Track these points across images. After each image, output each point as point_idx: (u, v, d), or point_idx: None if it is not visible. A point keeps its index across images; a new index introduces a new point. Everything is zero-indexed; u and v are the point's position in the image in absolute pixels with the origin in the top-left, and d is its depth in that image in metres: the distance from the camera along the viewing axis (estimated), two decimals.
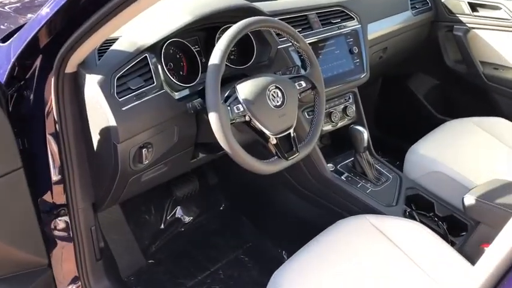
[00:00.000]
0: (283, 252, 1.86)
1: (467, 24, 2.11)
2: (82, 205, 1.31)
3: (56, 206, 1.28)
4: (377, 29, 1.86)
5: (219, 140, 1.11)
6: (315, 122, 1.35)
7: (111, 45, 1.18)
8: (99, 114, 1.11)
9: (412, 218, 1.54)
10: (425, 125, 2.06)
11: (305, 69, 1.47)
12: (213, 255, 1.88)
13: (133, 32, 1.21)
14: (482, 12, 2.07)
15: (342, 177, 1.64)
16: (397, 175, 1.69)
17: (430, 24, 2.22)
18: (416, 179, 1.69)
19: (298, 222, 1.79)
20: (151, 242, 1.89)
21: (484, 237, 1.30)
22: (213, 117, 1.09)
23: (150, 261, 1.83)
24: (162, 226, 1.94)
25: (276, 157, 1.23)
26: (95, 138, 1.17)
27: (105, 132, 1.12)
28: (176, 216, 1.99)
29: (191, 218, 2.01)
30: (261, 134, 1.20)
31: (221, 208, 2.10)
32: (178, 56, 1.35)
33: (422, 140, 1.81)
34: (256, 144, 1.28)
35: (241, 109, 1.15)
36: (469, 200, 1.32)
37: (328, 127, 1.71)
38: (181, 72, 1.35)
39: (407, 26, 2.05)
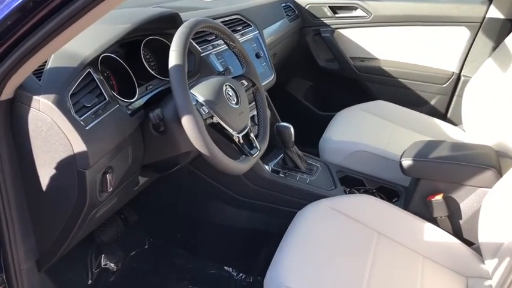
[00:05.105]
0: (231, 269, 1.78)
1: (331, 26, 2.37)
2: (26, 265, 1.07)
3: None
4: (268, 36, 1.96)
5: (195, 143, 1.04)
6: (262, 116, 1.36)
7: (44, 64, 1.01)
8: (56, 140, 0.93)
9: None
10: (312, 123, 2.22)
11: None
12: None
13: (69, 46, 1.06)
14: (342, 13, 2.35)
15: (280, 174, 1.66)
16: (323, 163, 1.79)
17: (299, 31, 2.42)
18: (338, 162, 1.81)
19: (243, 234, 1.74)
20: None
21: (427, 191, 1.45)
22: (188, 121, 1.02)
23: None
24: (90, 282, 1.69)
25: (243, 156, 1.20)
26: (47, 173, 0.98)
27: (67, 160, 0.94)
28: (102, 266, 1.75)
29: (119, 263, 1.79)
30: (225, 134, 1.17)
31: (146, 246, 1.92)
32: (106, 74, 1.22)
33: (327, 130, 1.95)
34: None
35: (207, 111, 1.10)
36: (407, 161, 1.47)
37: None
38: (112, 91, 1.23)
39: (287, 32, 2.20)
